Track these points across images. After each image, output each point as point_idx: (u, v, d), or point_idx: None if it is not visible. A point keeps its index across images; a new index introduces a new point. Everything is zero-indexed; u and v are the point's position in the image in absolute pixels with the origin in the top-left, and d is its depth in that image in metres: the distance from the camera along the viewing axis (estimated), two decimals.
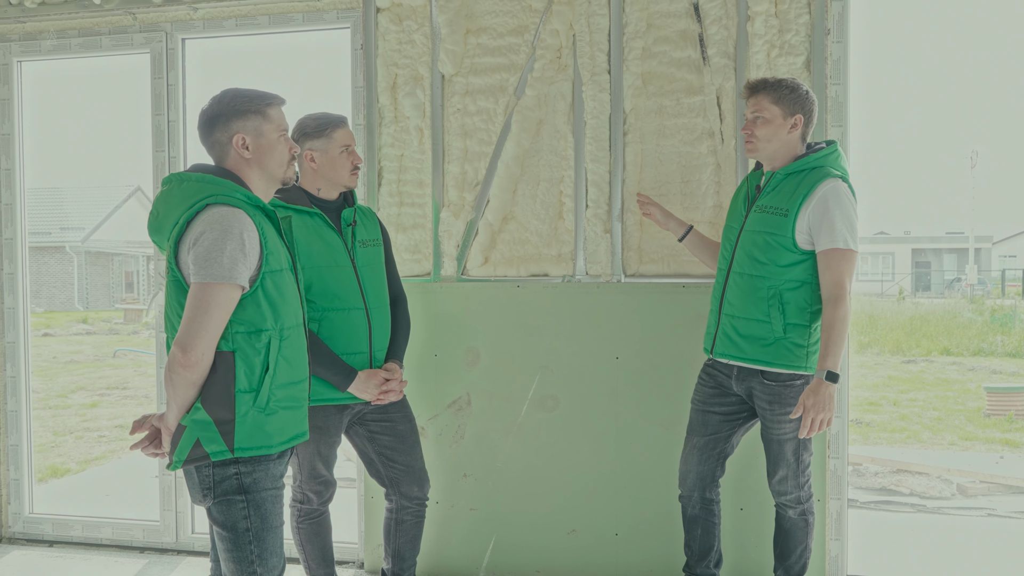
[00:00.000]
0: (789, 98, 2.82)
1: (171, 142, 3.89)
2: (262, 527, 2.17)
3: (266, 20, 3.79)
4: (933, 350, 14.63)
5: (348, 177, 2.88)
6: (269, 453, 2.17)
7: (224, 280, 2.05)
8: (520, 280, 3.54)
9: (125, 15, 3.88)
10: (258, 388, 2.13)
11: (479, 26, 3.55)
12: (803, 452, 2.87)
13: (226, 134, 2.21)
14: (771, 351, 2.80)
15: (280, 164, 2.28)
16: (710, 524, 3.06)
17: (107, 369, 12.72)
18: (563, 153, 3.51)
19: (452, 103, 3.58)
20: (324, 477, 2.96)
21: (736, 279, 2.88)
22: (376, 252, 2.98)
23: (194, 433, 2.10)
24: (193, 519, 3.99)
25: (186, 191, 2.16)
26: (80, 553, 3.99)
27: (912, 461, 6.11)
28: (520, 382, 3.54)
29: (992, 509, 5.07)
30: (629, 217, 3.46)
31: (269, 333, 2.15)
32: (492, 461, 3.57)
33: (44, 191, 30.77)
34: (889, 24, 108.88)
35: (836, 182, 2.75)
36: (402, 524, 3.05)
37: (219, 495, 2.15)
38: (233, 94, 2.24)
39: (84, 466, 6.81)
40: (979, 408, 9.23)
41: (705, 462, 3.01)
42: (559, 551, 3.53)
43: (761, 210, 2.85)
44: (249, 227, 2.11)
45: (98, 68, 69.07)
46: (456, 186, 3.58)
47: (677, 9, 3.39)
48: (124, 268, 31.21)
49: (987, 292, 31.43)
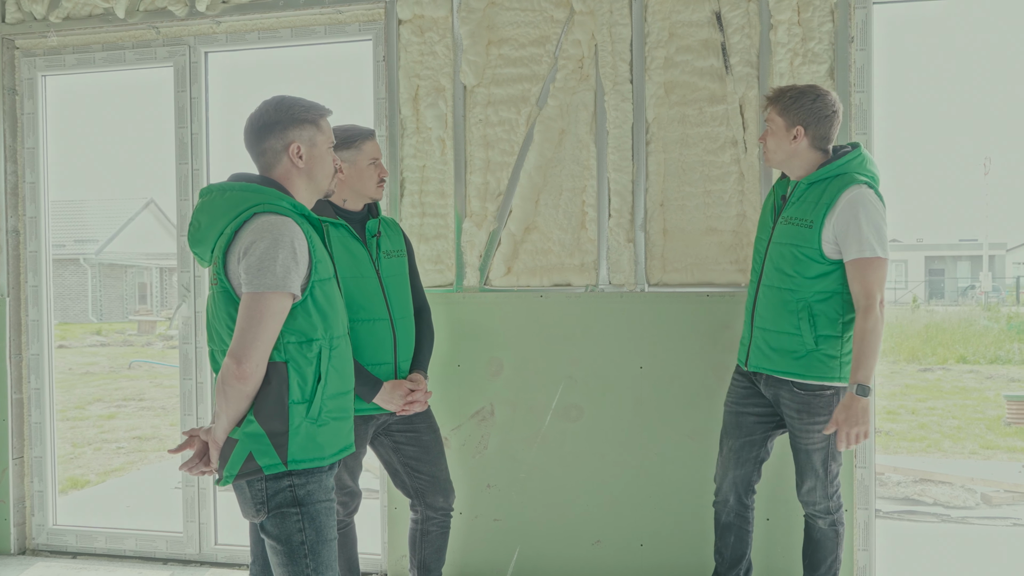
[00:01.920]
0: (791, 109, 2.79)
1: (194, 154, 3.91)
2: (317, 540, 2.13)
3: (288, 33, 3.81)
4: (949, 358, 14.55)
5: (375, 189, 2.90)
6: (322, 465, 2.15)
7: (277, 289, 2.03)
8: (543, 290, 3.54)
9: (148, 29, 3.91)
10: (311, 399, 2.11)
11: (501, 37, 3.56)
12: (831, 462, 2.83)
13: (281, 141, 2.19)
14: (803, 363, 2.77)
15: (327, 176, 2.28)
16: (743, 532, 3.03)
17: (123, 380, 12.78)
18: (585, 163, 3.51)
19: (474, 114, 3.59)
20: (350, 488, 2.96)
21: (766, 292, 2.86)
22: (400, 263, 2.98)
23: (246, 446, 2.07)
24: (216, 530, 3.99)
25: (230, 200, 2.14)
26: (104, 565, 3.99)
27: (934, 470, 6.06)
28: (543, 392, 3.53)
29: (1017, 519, 5.01)
30: (652, 226, 3.46)
31: (320, 343, 2.13)
32: (516, 471, 3.56)
33: (59, 203, 30.98)
34: (903, 32, 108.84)
35: (860, 188, 2.71)
36: (428, 535, 3.04)
37: (273, 508, 2.11)
38: (291, 102, 2.22)
39: (103, 477, 6.83)
40: (999, 417, 9.16)
41: (742, 466, 2.98)
42: (584, 562, 3.51)
43: (787, 222, 2.83)
44: (299, 235, 2.09)
45: (110, 82, 69.57)
46: (478, 196, 3.59)
47: (699, 18, 3.40)
48: (138, 280, 31.35)
49: (1001, 299, 31.22)
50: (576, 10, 3.47)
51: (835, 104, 2.81)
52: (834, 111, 2.80)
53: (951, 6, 10.44)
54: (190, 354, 3.97)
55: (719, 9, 3.38)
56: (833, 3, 3.27)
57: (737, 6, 3.35)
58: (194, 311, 3.95)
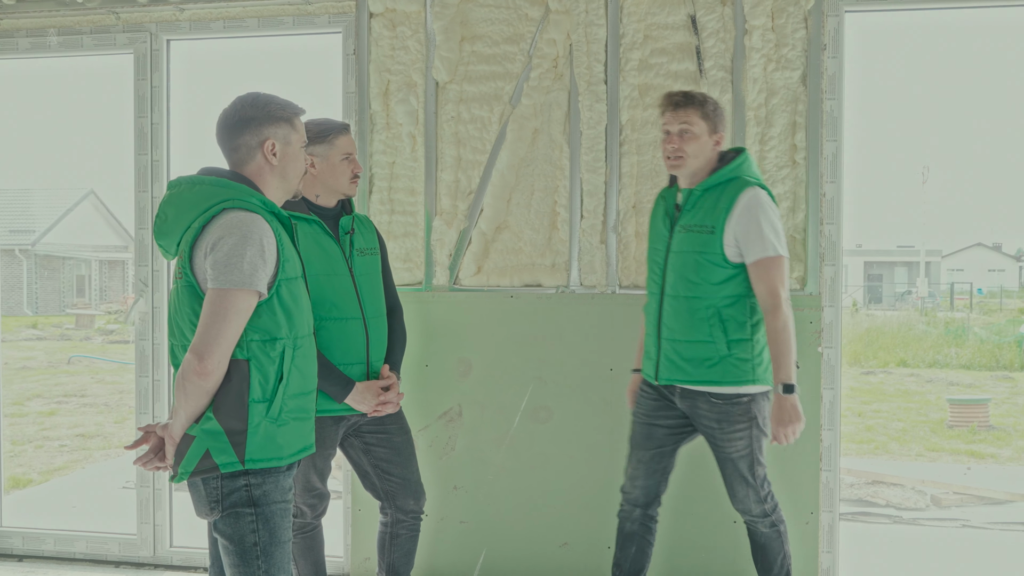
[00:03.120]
0: (715, 115, 2.82)
1: (154, 145, 3.79)
2: (271, 541, 2.10)
3: (255, 23, 3.72)
4: (890, 362, 14.91)
5: (348, 185, 2.84)
6: (279, 465, 2.11)
7: (243, 287, 2.01)
8: (513, 290, 3.51)
9: (108, 14, 3.78)
10: (271, 398, 2.08)
11: (474, 33, 3.52)
12: (757, 467, 2.82)
13: (256, 138, 2.16)
14: (717, 370, 2.76)
15: (298, 175, 2.25)
16: (645, 543, 3.01)
17: (63, 376, 12.43)
18: (558, 163, 3.49)
19: (446, 110, 3.54)
20: (319, 490, 2.90)
21: (671, 302, 2.84)
22: (373, 261, 2.93)
23: (203, 443, 2.03)
24: (172, 532, 3.88)
25: (200, 194, 2.11)
26: (52, 568, 3.85)
27: (884, 472, 6.18)
28: (512, 393, 3.50)
29: (966, 520, 5.14)
30: (625, 228, 3.45)
31: (283, 342, 2.10)
32: (483, 473, 3.53)
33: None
34: (853, 41, 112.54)
35: (755, 191, 2.74)
36: (397, 538, 2.99)
37: (227, 507, 2.08)
38: (267, 99, 2.19)
39: (47, 476, 6.62)
40: (942, 419, 9.40)
41: (651, 476, 2.97)
42: (551, 564, 3.49)
43: (686, 229, 2.82)
44: (268, 233, 2.06)
45: (52, 69, 67.64)
46: (449, 194, 3.54)
47: (675, 21, 3.40)
48: (76, 272, 30.56)
49: (937, 305, 32.12)
50: (552, 9, 3.45)
51: None
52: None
53: (902, 19, 10.62)
54: (147, 351, 3.85)
55: (694, 13, 3.39)
56: (807, 10, 3.30)
57: (712, 10, 3.36)
58: (151, 307, 3.83)
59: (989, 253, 48.36)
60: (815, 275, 3.33)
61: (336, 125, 2.83)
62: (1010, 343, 15.90)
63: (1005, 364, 14.52)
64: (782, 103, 3.33)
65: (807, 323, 3.30)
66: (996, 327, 19.55)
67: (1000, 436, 8.65)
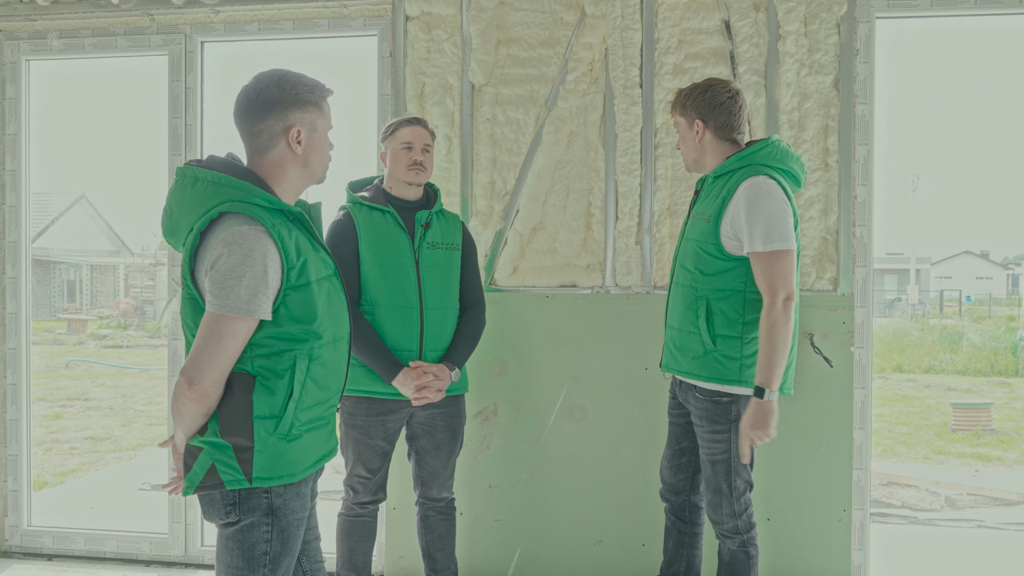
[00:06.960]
0: (688, 106, 2.71)
1: (188, 146, 3.82)
2: (281, 551, 1.97)
3: (290, 25, 3.75)
4: (886, 367, 14.99)
5: (405, 172, 2.95)
6: (291, 482, 1.96)
7: (240, 313, 1.83)
8: (549, 290, 3.55)
9: (142, 16, 3.80)
10: (280, 414, 1.91)
11: (510, 37, 3.56)
12: (735, 478, 2.67)
13: (281, 124, 1.96)
14: (701, 363, 2.67)
15: (323, 163, 2.06)
16: (682, 537, 2.95)
17: (62, 380, 12.37)
18: (594, 165, 3.53)
19: (482, 113, 3.58)
20: (367, 475, 2.97)
21: (674, 290, 2.80)
22: (448, 256, 3.00)
23: (210, 457, 1.89)
24: (203, 531, 3.89)
25: (199, 193, 1.93)
26: (81, 567, 3.86)
27: (899, 473, 6.24)
28: (548, 392, 3.53)
29: (981, 520, 5.20)
30: (659, 230, 3.49)
31: (294, 353, 1.92)
32: (519, 472, 3.56)
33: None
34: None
35: (758, 179, 2.57)
36: (427, 520, 3.10)
37: (243, 514, 1.93)
38: (294, 79, 1.98)
39: (61, 478, 6.61)
40: (945, 423, 9.48)
41: (675, 473, 2.94)
42: (585, 562, 3.52)
43: (694, 217, 2.75)
44: (271, 250, 1.87)
45: (54, 71, 67.16)
46: (485, 195, 3.58)
47: (709, 27, 3.45)
48: (66, 277, 30.39)
49: (926, 311, 32.32)
50: (588, 13, 3.49)
51: (730, 90, 2.70)
52: (729, 96, 2.70)
53: (895, 26, 10.68)
54: (180, 350, 3.87)
55: (728, 18, 3.44)
56: (839, 16, 3.35)
57: (746, 15, 3.42)
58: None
59: (977, 261, 48.75)
60: (847, 276, 3.37)
61: (402, 119, 3.00)
62: (1005, 349, 16.03)
63: (1000, 370, 14.65)
64: (815, 107, 3.38)
65: (839, 323, 3.35)
66: (993, 333, 19.70)
67: (1004, 439, 8.73)
